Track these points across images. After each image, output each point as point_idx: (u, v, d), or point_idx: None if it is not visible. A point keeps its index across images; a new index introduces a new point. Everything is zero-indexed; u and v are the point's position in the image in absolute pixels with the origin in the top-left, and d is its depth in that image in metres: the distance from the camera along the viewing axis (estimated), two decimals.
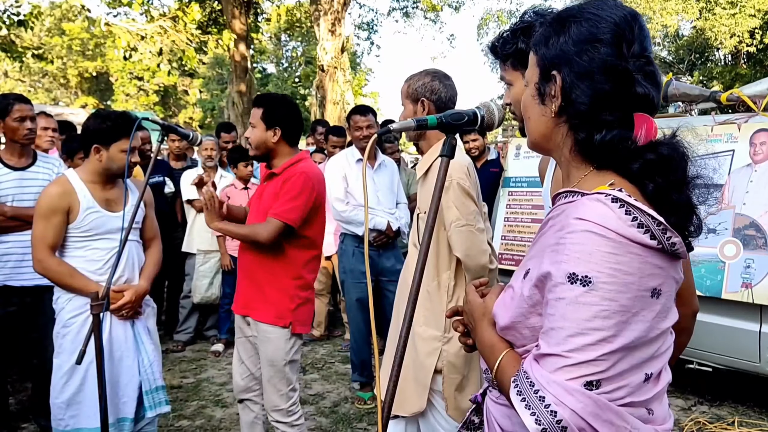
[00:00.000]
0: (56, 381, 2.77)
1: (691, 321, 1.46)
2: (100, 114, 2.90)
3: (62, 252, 2.81)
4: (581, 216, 0.97)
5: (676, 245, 0.98)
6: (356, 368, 4.58)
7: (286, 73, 32.76)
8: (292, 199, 2.84)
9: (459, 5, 18.11)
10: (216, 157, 5.70)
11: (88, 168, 2.86)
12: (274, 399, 2.92)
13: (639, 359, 0.99)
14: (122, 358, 2.83)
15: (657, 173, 1.02)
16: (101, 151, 2.81)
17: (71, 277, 2.74)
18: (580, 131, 1.08)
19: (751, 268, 3.70)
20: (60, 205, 2.74)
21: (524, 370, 1.01)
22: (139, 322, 2.93)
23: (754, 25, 17.75)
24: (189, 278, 5.72)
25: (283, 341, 2.90)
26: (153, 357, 2.92)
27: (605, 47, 1.05)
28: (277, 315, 2.89)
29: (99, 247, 2.81)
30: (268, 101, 2.98)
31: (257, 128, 2.95)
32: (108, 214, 2.84)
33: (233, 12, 14.04)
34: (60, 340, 2.80)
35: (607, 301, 0.94)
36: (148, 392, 2.88)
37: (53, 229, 2.73)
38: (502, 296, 1.18)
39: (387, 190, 4.54)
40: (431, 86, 2.54)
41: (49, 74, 31.74)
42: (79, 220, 2.77)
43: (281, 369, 2.90)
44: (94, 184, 2.85)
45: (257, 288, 2.94)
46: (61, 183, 2.81)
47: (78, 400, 2.75)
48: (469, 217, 2.43)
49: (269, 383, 2.92)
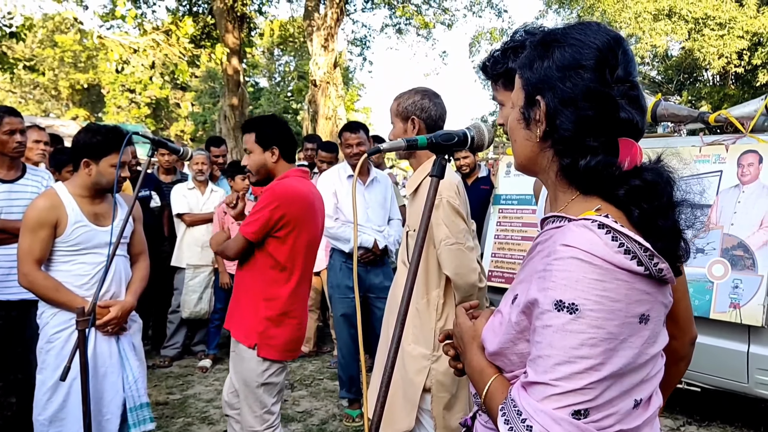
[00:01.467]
0: (39, 397, 2.73)
1: (689, 349, 1.45)
2: (91, 128, 2.89)
3: (48, 266, 2.78)
4: (568, 242, 0.97)
5: (663, 271, 0.97)
6: (344, 384, 4.55)
7: (278, 88, 32.85)
8: (253, 214, 2.81)
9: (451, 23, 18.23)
10: (207, 172, 5.69)
11: (77, 182, 2.84)
12: (249, 419, 2.87)
13: (628, 385, 0.98)
14: (106, 374, 2.79)
15: (642, 199, 1.02)
16: (91, 165, 2.80)
17: (57, 292, 2.71)
18: (564, 157, 1.08)
19: (739, 288, 3.71)
20: (48, 219, 2.71)
21: (512, 398, 1.00)
22: (124, 338, 2.90)
23: (742, 47, 17.96)
24: (177, 293, 5.67)
25: (255, 362, 2.82)
26: (138, 374, 2.89)
27: (588, 73, 1.05)
28: (245, 334, 2.85)
29: (86, 261, 2.79)
30: (259, 124, 2.97)
31: (254, 153, 2.93)
32: (96, 229, 2.82)
33: (226, 26, 14.07)
34: (44, 355, 2.76)
35: (594, 328, 0.93)
36: (133, 409, 2.84)
37: (40, 242, 2.70)
38: (491, 321, 1.17)
39: (378, 206, 4.53)
40: (421, 104, 2.55)
41: (40, 86, 31.68)
42: (66, 234, 2.75)
43: (254, 390, 2.84)
44: (82, 198, 2.83)
45: (236, 303, 2.94)
46: (49, 196, 2.79)
47: (61, 416, 2.71)
48: (458, 236, 2.43)
49: (244, 402, 2.88)
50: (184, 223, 5.58)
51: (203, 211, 5.60)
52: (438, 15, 17.81)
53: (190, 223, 5.57)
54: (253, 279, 2.88)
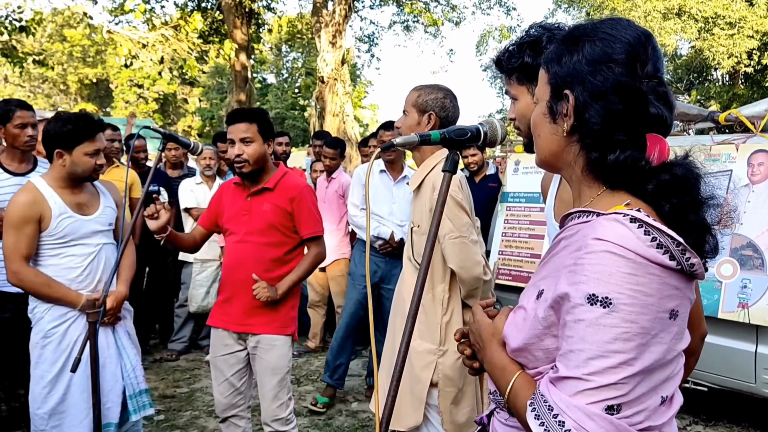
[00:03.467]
0: (37, 392, 2.71)
1: (699, 344, 1.44)
2: (60, 117, 2.78)
3: (36, 261, 2.73)
4: (600, 236, 0.96)
5: (695, 266, 0.96)
6: (329, 369, 4.62)
7: (285, 84, 32.87)
8: (315, 213, 3.06)
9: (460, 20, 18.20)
10: (215, 167, 5.70)
11: (53, 174, 2.78)
12: (275, 409, 2.94)
13: (656, 382, 0.97)
14: (105, 364, 2.79)
15: (672, 194, 1.01)
16: (64, 156, 2.71)
17: (49, 287, 2.68)
18: (592, 151, 1.07)
19: (747, 288, 3.70)
20: (31, 214, 2.66)
21: (541, 393, 0.99)
22: (120, 327, 2.91)
23: (752, 46, 17.88)
24: (185, 287, 5.70)
25: (287, 347, 2.98)
26: (135, 361, 2.91)
27: (619, 67, 1.04)
28: (282, 324, 2.96)
29: (75, 253, 2.75)
30: (260, 115, 2.99)
31: (255, 142, 2.91)
32: (81, 218, 2.78)
33: (235, 22, 14.09)
34: (40, 350, 2.73)
35: (628, 323, 0.92)
36: (132, 396, 2.87)
37: (26, 238, 2.65)
38: (513, 317, 1.15)
39: (405, 203, 4.59)
40: (443, 103, 2.55)
41: (49, 80, 31.80)
42: (52, 227, 2.70)
43: (284, 377, 2.96)
44: (62, 189, 2.77)
45: (260, 302, 2.91)
46: (29, 191, 2.71)
47: (61, 410, 2.70)
48: (462, 229, 2.44)
49: (271, 393, 2.93)
50: (191, 217, 5.59)
51: None
52: (446, 12, 17.78)
53: (197, 217, 5.58)
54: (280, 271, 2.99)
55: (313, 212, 3.05)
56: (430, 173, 2.52)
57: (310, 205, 3.04)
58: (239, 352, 3.01)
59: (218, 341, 3.04)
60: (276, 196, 2.96)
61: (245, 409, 3.08)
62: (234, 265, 2.97)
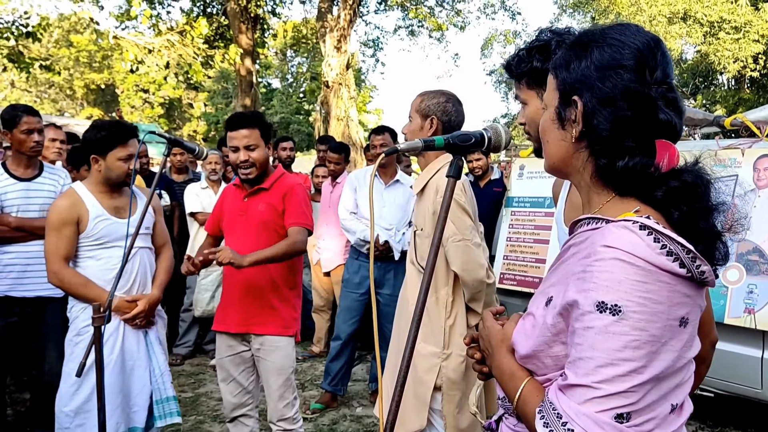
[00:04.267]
0: (65, 389, 2.78)
1: (710, 351, 1.43)
2: (96, 125, 2.97)
3: (75, 262, 2.86)
4: (609, 243, 0.95)
5: (705, 273, 0.96)
6: (327, 376, 4.63)
7: (290, 89, 32.94)
8: (303, 207, 3.01)
9: (464, 25, 18.23)
10: (220, 171, 5.72)
11: (91, 179, 2.94)
12: (281, 409, 2.97)
13: (666, 389, 0.97)
14: (134, 367, 2.87)
15: (682, 201, 1.01)
16: (99, 161, 2.87)
17: (85, 288, 2.79)
18: (601, 157, 1.06)
19: (754, 293, 3.69)
20: (69, 217, 2.79)
21: (550, 400, 0.98)
22: (152, 331, 2.98)
23: (757, 51, 17.85)
24: (190, 291, 5.71)
25: (291, 348, 3.00)
26: (164, 367, 2.96)
27: (628, 73, 1.04)
28: (284, 325, 2.98)
29: (111, 255, 2.86)
30: (261, 120, 3.02)
31: (260, 147, 2.95)
32: (118, 221, 2.88)
33: (240, 27, 14.15)
34: (72, 347, 2.83)
35: (638, 330, 0.91)
36: (159, 402, 2.92)
37: (65, 240, 2.79)
38: (522, 324, 1.15)
39: (395, 207, 4.61)
40: (444, 107, 2.57)
41: (55, 85, 31.94)
42: (89, 229, 2.82)
43: (289, 377, 2.99)
44: (101, 193, 2.91)
45: (262, 302, 2.95)
46: (69, 195, 2.88)
47: (87, 408, 2.75)
48: (465, 232, 2.45)
49: (277, 393, 2.97)
50: (197, 222, 5.60)
51: None
52: (451, 17, 17.81)
53: (203, 222, 5.59)
54: (281, 274, 2.99)
55: (302, 206, 3.02)
56: (434, 177, 2.53)
57: (300, 200, 3.02)
58: (244, 352, 3.04)
59: (222, 343, 3.08)
60: (271, 195, 3.00)
61: (253, 409, 3.11)
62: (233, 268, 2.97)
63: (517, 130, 14.04)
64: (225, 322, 3.03)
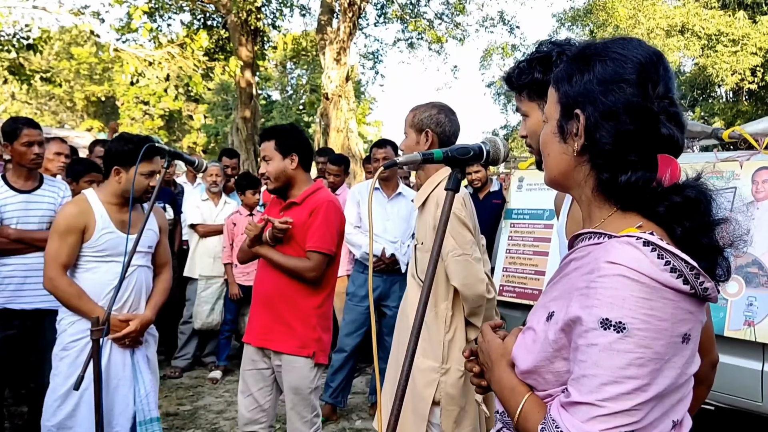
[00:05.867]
0: (50, 403, 2.75)
1: (711, 372, 1.41)
2: (123, 137, 2.97)
3: (73, 272, 2.83)
4: (613, 260, 0.95)
5: (708, 290, 0.95)
6: (328, 388, 4.59)
7: (290, 101, 33.00)
8: (327, 230, 2.89)
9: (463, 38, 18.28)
10: (221, 183, 5.73)
11: (107, 189, 2.91)
12: (298, 426, 2.93)
13: (668, 406, 0.96)
14: (118, 386, 2.81)
15: (685, 216, 1.00)
16: (121, 173, 2.87)
17: (79, 299, 2.75)
18: (603, 171, 1.06)
19: (753, 305, 3.68)
20: (76, 224, 2.77)
21: (552, 417, 0.98)
22: (139, 351, 2.92)
23: (755, 63, 17.91)
24: (189, 303, 5.70)
25: (308, 369, 2.90)
26: (150, 387, 2.90)
27: (631, 87, 1.04)
28: (301, 345, 2.89)
29: (110, 269, 2.82)
30: (278, 132, 3.01)
31: (273, 160, 2.95)
32: (123, 236, 2.85)
33: (240, 40, 14.19)
34: (57, 362, 2.79)
35: (642, 348, 0.91)
36: (142, 423, 2.85)
37: (68, 247, 2.76)
38: (522, 338, 1.14)
39: (399, 219, 4.63)
40: (437, 119, 2.57)
41: (55, 97, 32.00)
42: (93, 240, 2.80)
43: (306, 397, 2.92)
44: (112, 205, 2.89)
45: (278, 319, 2.92)
46: (79, 202, 2.85)
47: (69, 425, 2.72)
48: (465, 247, 2.44)
49: (293, 411, 2.93)
50: (197, 233, 5.61)
51: (216, 223, 5.63)
52: (450, 30, 17.86)
53: (203, 233, 5.60)
54: (299, 290, 2.90)
55: (323, 227, 2.89)
56: (434, 191, 2.54)
57: (323, 220, 2.90)
58: (264, 369, 3.02)
59: (247, 356, 3.07)
60: (301, 210, 2.96)
61: (266, 427, 3.07)
62: (258, 280, 3.04)
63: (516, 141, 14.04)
64: (249, 333, 3.05)
